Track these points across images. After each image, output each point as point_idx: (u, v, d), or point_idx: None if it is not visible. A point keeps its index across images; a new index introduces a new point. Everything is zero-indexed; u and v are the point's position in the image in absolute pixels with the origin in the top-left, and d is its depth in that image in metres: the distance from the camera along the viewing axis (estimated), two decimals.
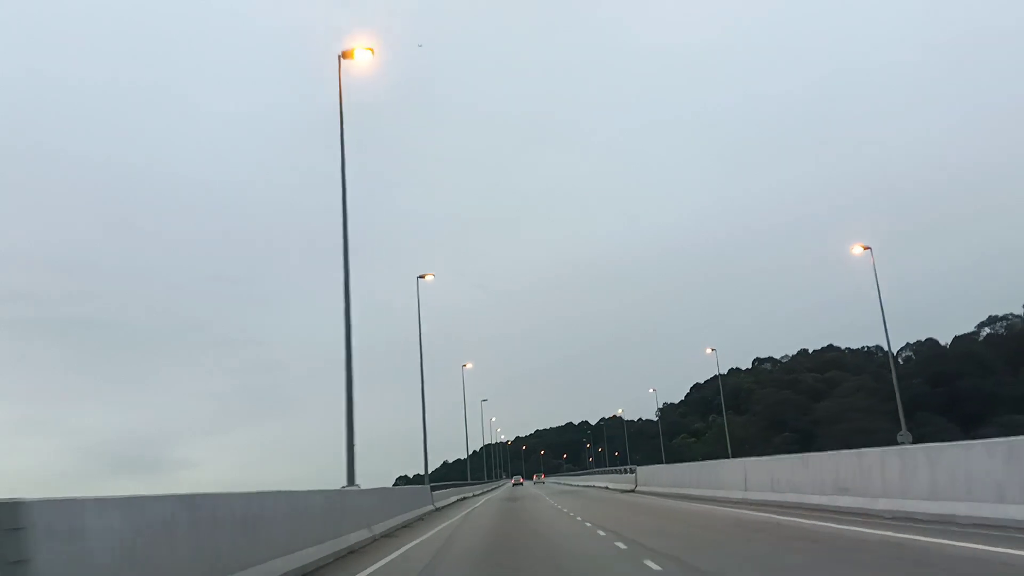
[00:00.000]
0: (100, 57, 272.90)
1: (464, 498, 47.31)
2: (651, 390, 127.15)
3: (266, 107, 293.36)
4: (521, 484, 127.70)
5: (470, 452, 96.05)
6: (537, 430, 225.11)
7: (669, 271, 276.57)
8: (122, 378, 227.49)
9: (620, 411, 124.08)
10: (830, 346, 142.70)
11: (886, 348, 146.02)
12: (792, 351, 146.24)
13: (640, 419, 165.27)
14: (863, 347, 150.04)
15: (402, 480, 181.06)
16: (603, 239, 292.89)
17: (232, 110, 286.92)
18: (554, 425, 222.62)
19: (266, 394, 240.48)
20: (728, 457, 49.76)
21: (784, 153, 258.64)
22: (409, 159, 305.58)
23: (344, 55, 20.70)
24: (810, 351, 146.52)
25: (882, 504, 14.59)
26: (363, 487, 19.21)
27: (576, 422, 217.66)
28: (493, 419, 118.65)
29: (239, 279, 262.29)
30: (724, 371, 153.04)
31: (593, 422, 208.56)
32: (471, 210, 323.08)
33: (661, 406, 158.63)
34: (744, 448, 69.64)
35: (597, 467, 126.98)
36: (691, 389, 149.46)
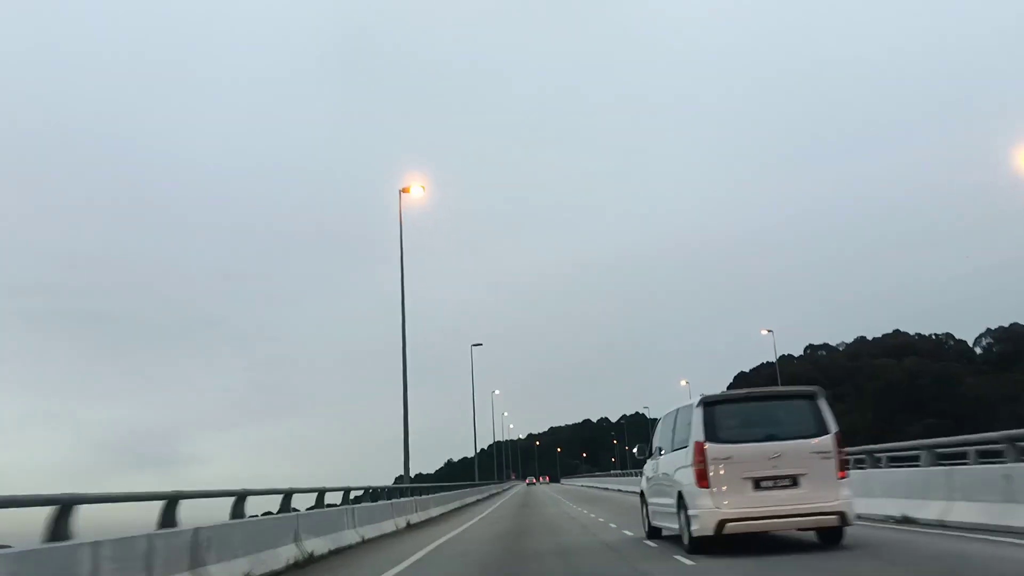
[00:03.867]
0: (117, 58, 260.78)
1: (374, 539, 17.41)
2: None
3: (275, 110, 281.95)
4: (534, 484, 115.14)
5: (477, 450, 77.86)
6: (552, 427, 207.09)
7: (689, 265, 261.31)
8: (135, 372, 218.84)
9: (685, 383, 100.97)
10: (896, 331, 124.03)
11: (958, 336, 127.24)
12: (829, 340, 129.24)
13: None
14: (931, 334, 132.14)
15: (403, 479, 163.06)
16: (621, 234, 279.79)
17: (241, 111, 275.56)
18: (571, 422, 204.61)
19: (276, 390, 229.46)
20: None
21: (805, 153, 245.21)
22: (419, 156, 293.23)
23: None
24: (870, 338, 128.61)
25: None
26: None
27: (595, 419, 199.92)
28: (496, 392, 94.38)
29: (252, 275, 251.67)
30: (775, 358, 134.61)
31: (614, 419, 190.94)
32: (484, 207, 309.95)
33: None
34: (855, 440, 50.41)
35: (621, 468, 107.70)
36: (734, 379, 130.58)
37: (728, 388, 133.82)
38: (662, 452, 12.91)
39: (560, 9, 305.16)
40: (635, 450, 14.60)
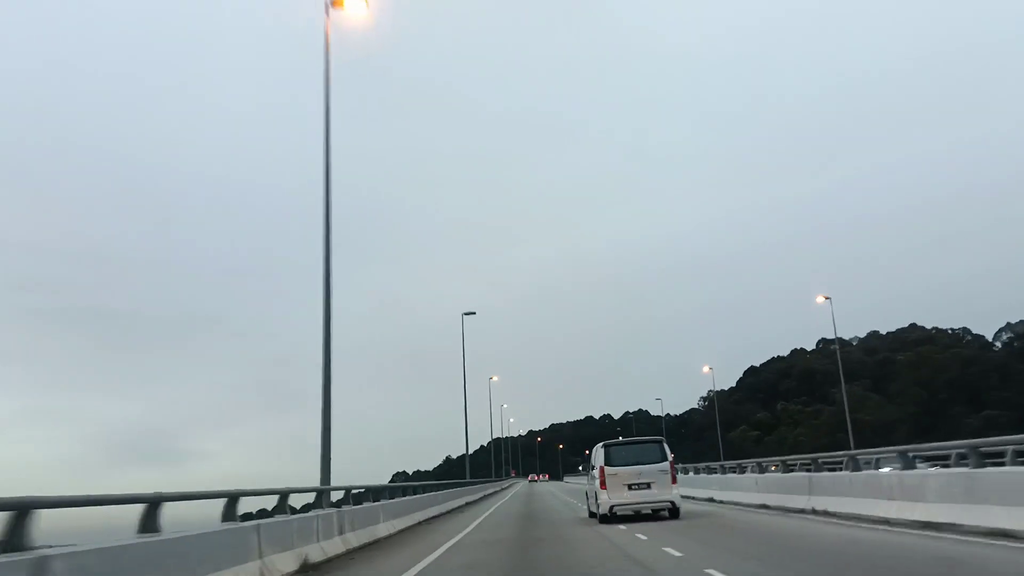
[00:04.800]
0: (119, 58, 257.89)
1: None
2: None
3: (278, 107, 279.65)
4: (536, 481, 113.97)
5: (474, 448, 72.96)
6: (552, 424, 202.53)
7: (693, 261, 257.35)
8: (139, 369, 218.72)
9: (708, 368, 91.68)
10: (913, 325, 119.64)
11: (975, 331, 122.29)
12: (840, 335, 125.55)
13: (668, 414, 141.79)
14: (949, 328, 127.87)
15: (400, 477, 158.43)
16: (624, 229, 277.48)
17: (243, 108, 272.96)
18: (572, 419, 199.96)
19: (279, 387, 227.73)
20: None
21: (808, 151, 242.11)
22: (417, 157, 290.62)
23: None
24: (883, 332, 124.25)
25: None
26: None
27: (597, 416, 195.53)
28: (494, 378, 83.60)
29: (256, 272, 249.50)
30: (785, 352, 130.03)
31: (617, 416, 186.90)
32: (485, 205, 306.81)
33: (705, 395, 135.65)
34: (891, 436, 46.11)
35: None
36: (745, 373, 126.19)
37: (738, 381, 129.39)
38: (593, 468, 21.25)
39: (562, 8, 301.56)
40: (580, 468, 21.27)
